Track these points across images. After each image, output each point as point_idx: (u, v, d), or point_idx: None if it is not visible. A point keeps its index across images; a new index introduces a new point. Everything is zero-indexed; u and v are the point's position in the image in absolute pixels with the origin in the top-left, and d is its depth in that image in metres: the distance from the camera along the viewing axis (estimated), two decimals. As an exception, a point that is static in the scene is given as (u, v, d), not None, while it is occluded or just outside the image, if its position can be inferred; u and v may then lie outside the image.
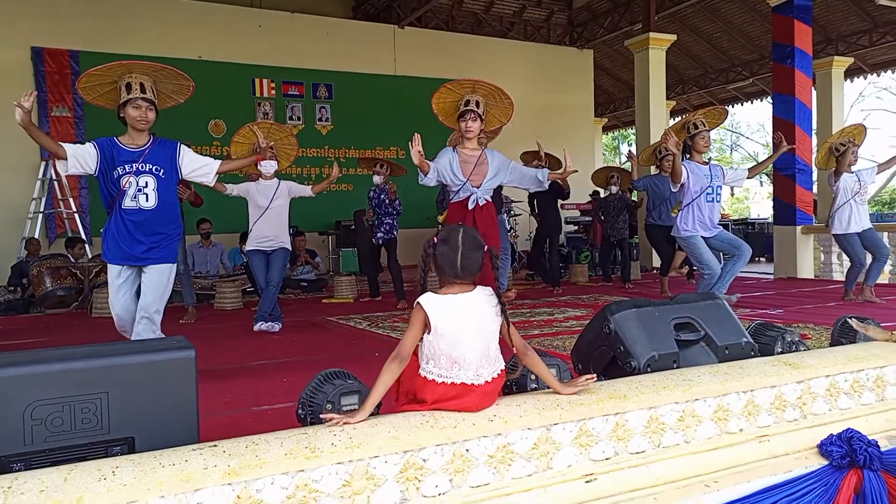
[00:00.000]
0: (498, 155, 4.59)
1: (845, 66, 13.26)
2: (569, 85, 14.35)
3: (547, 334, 4.89)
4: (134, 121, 3.40)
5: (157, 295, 3.45)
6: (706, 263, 5.23)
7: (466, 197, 4.46)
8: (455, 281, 1.99)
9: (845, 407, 2.52)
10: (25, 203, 9.38)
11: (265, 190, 5.45)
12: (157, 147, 3.49)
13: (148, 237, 3.42)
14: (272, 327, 5.44)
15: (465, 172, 4.42)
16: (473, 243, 2.00)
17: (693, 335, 2.60)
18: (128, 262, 3.43)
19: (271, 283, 5.47)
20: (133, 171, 3.39)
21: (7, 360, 1.69)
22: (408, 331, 1.95)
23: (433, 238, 2.04)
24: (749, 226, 16.47)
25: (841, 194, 6.37)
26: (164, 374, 1.77)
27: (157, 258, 3.45)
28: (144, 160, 3.42)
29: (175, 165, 3.53)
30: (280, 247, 5.51)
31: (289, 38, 11.54)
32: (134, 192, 3.39)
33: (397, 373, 1.91)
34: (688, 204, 5.29)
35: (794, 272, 9.20)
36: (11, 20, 9.72)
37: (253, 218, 5.49)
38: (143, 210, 3.41)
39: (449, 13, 13.46)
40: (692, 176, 5.25)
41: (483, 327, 1.97)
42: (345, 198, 11.61)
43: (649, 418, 2.11)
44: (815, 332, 4.62)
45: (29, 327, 6.30)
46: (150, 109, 3.43)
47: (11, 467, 1.58)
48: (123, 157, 3.40)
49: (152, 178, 3.43)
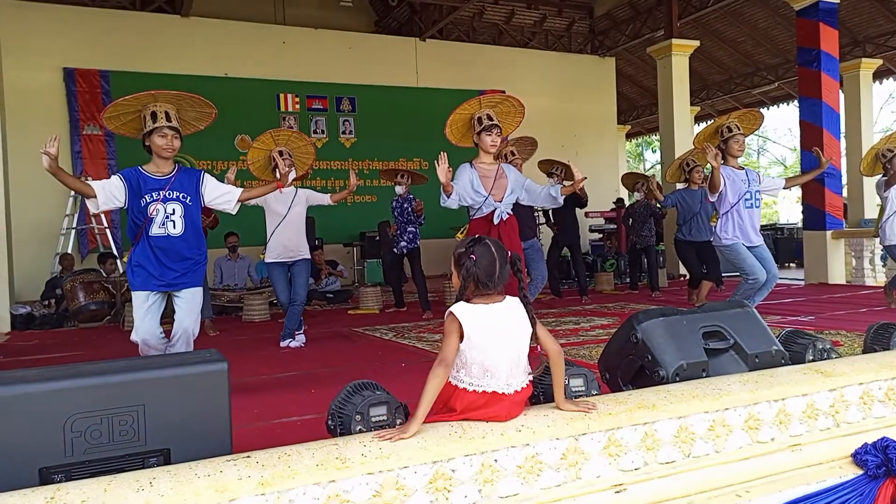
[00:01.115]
0: (513, 170, 4.53)
1: (874, 67, 13.03)
2: (591, 93, 14.31)
3: (573, 343, 4.87)
4: (160, 149, 3.44)
5: (193, 318, 3.54)
6: (749, 270, 4.95)
7: (491, 212, 4.34)
8: (486, 291, 2.01)
9: (880, 415, 2.48)
10: (58, 219, 9.61)
11: (283, 198, 5.33)
12: (182, 175, 3.55)
13: (177, 263, 3.48)
14: (299, 345, 5.41)
15: (487, 187, 4.36)
16: (504, 254, 2.04)
17: (722, 343, 2.58)
18: (158, 288, 3.47)
19: (296, 302, 5.38)
20: (160, 198, 3.44)
21: (47, 374, 1.74)
22: (445, 339, 1.97)
23: (465, 248, 2.05)
24: (778, 231, 16.22)
25: (891, 203, 6.14)
26: (199, 387, 1.81)
27: (188, 283, 3.52)
28: (171, 188, 3.47)
29: (199, 193, 3.59)
30: (301, 258, 5.43)
31: (312, 53, 11.70)
32: (162, 220, 3.44)
33: (444, 378, 1.92)
34: (726, 212, 5.04)
35: (824, 278, 9.05)
36: (44, 43, 9.99)
37: (270, 227, 5.40)
38: (170, 237, 3.46)
39: (470, 25, 13.52)
40: (729, 183, 5.01)
41: (515, 337, 1.99)
42: (369, 209, 11.69)
43: (679, 428, 2.10)
44: (847, 339, 4.54)
45: (63, 341, 6.44)
46: (176, 138, 3.47)
47: (53, 478, 1.63)
48: (150, 185, 3.45)
49: (179, 206, 3.49)
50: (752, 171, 5.32)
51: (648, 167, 30.31)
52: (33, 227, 9.55)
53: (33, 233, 9.50)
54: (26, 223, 9.33)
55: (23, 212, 9.21)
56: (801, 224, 11.68)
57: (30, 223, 9.47)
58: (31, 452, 1.63)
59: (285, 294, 5.45)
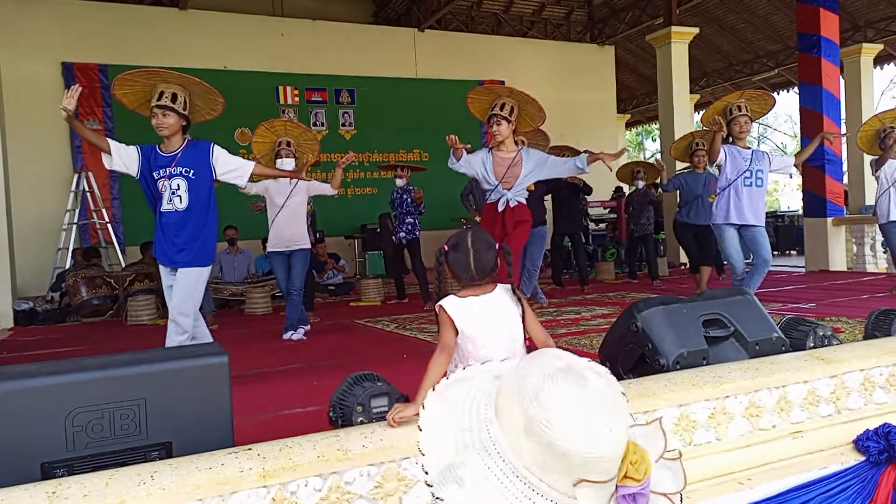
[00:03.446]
0: (535, 153, 4.67)
1: (874, 52, 12.95)
2: (591, 82, 14.25)
3: (574, 333, 4.87)
4: (156, 128, 3.54)
5: (182, 296, 3.51)
6: (726, 254, 5.15)
7: (497, 199, 4.55)
8: (473, 283, 2.01)
9: (881, 401, 2.48)
10: (59, 214, 9.60)
11: (282, 187, 5.34)
12: (189, 149, 3.59)
13: (179, 238, 3.53)
14: (302, 335, 5.39)
15: (498, 175, 4.50)
16: (484, 244, 2.02)
17: (722, 331, 2.58)
18: (167, 263, 3.58)
19: (293, 291, 5.40)
20: (167, 174, 3.52)
21: (48, 368, 1.74)
22: (441, 329, 1.97)
23: (444, 246, 2.06)
24: (779, 218, 16.20)
25: (882, 182, 6.18)
26: (200, 380, 1.81)
27: (188, 261, 3.53)
28: (177, 164, 3.53)
29: (209, 166, 3.61)
30: (298, 248, 5.42)
31: (311, 45, 11.66)
32: (169, 196, 3.54)
33: (445, 365, 1.94)
34: (724, 188, 5.06)
35: (825, 265, 9.03)
36: (42, 37, 9.96)
37: (271, 216, 5.42)
38: (177, 212, 3.54)
39: (468, 14, 13.46)
40: (730, 159, 5.01)
41: (508, 326, 1.98)
42: (370, 201, 11.68)
43: (679, 416, 2.10)
44: (848, 326, 4.53)
45: (66, 336, 6.45)
46: (166, 115, 3.49)
47: (55, 473, 1.63)
48: (160, 162, 3.55)
49: (183, 181, 3.54)
50: (760, 151, 5.26)
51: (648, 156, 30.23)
52: (35, 223, 9.54)
53: (35, 228, 9.49)
54: (27, 219, 9.32)
55: (24, 207, 9.20)
56: (801, 211, 11.66)
57: (31, 219, 9.46)
58: (33, 447, 1.63)
59: (285, 283, 5.48)
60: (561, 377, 0.83)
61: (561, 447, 0.81)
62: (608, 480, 0.83)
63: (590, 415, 0.81)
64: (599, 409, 0.82)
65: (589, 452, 0.80)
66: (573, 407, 0.81)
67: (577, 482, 0.82)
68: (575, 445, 0.80)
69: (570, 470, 0.82)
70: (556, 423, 0.81)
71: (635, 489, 0.83)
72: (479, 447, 0.89)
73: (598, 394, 0.83)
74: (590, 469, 0.81)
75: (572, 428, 0.80)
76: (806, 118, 9.27)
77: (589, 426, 0.81)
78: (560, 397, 0.81)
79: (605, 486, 0.83)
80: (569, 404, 0.81)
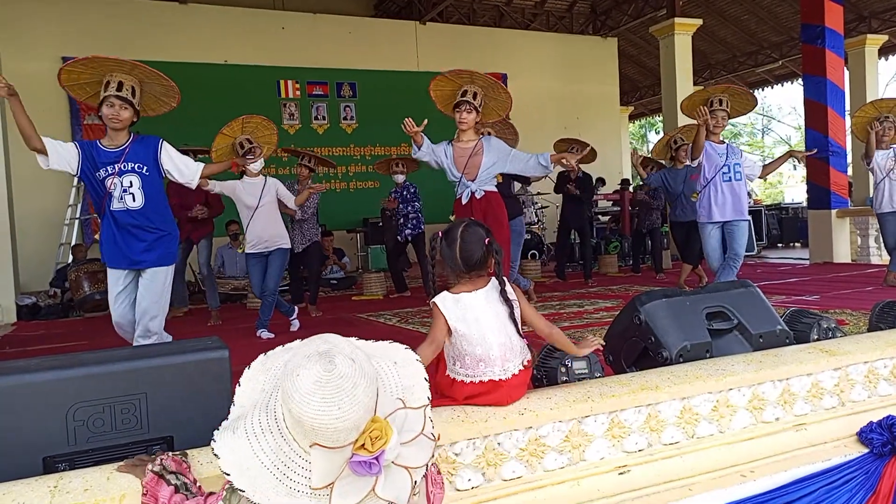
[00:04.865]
0: (496, 143, 4.52)
1: (879, 43, 12.87)
2: (593, 74, 14.19)
3: (577, 326, 4.86)
4: (107, 119, 3.33)
5: (151, 300, 3.38)
6: (707, 256, 5.29)
7: (461, 193, 4.47)
8: (462, 276, 2.00)
9: (885, 393, 2.47)
10: (62, 209, 9.61)
11: (252, 189, 5.18)
12: (136, 145, 3.40)
13: (140, 237, 3.36)
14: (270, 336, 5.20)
15: (460, 167, 4.41)
16: (474, 236, 1.99)
17: (726, 324, 2.57)
18: (125, 265, 3.39)
19: (266, 293, 5.25)
20: (116, 171, 3.32)
21: (49, 363, 1.74)
22: (434, 322, 1.98)
23: (438, 232, 2.07)
24: (783, 211, 16.12)
25: (876, 172, 6.18)
26: (200, 374, 1.81)
27: (153, 261, 3.39)
28: (126, 160, 3.34)
29: (157, 162, 3.44)
30: (277, 247, 5.26)
31: (312, 39, 11.62)
32: (120, 193, 3.33)
33: (430, 357, 1.94)
34: (705, 186, 5.10)
35: (830, 257, 9.01)
36: (41, 32, 9.94)
37: (245, 219, 5.25)
38: (130, 210, 3.34)
39: (470, 7, 13.41)
40: (706, 157, 5.03)
41: (501, 320, 1.96)
42: (372, 195, 11.65)
43: (682, 409, 2.09)
44: (852, 318, 4.52)
45: (68, 331, 6.46)
46: (125, 108, 3.33)
47: (56, 467, 1.64)
48: (104, 158, 3.34)
49: (136, 177, 3.36)
50: (734, 146, 5.33)
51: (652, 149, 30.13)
52: (37, 218, 9.55)
53: (37, 223, 9.50)
54: (30, 214, 9.32)
55: (26, 203, 9.21)
56: (805, 203, 11.62)
57: (33, 214, 9.47)
58: (34, 441, 1.63)
59: (258, 287, 5.31)
60: (315, 359, 1.03)
61: (296, 414, 1.01)
62: (339, 447, 1.01)
63: (325, 392, 1.00)
64: (335, 389, 1.00)
65: (315, 422, 1.00)
66: (312, 384, 1.00)
67: (311, 445, 1.02)
68: (306, 416, 1.00)
69: (304, 434, 1.02)
70: (296, 396, 1.01)
71: (367, 458, 1.01)
72: (263, 406, 1.10)
73: (338, 376, 1.01)
74: (319, 436, 1.01)
75: (307, 401, 1.00)
76: (810, 109, 9.22)
77: (320, 401, 1.00)
78: (304, 375, 1.01)
79: (338, 451, 1.02)
80: (309, 381, 1.01)
